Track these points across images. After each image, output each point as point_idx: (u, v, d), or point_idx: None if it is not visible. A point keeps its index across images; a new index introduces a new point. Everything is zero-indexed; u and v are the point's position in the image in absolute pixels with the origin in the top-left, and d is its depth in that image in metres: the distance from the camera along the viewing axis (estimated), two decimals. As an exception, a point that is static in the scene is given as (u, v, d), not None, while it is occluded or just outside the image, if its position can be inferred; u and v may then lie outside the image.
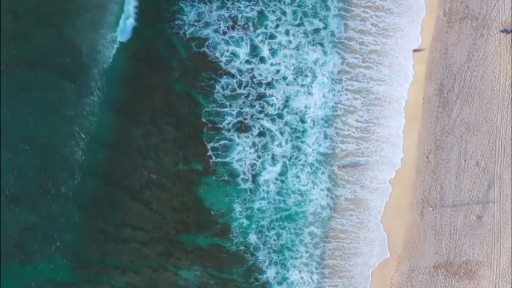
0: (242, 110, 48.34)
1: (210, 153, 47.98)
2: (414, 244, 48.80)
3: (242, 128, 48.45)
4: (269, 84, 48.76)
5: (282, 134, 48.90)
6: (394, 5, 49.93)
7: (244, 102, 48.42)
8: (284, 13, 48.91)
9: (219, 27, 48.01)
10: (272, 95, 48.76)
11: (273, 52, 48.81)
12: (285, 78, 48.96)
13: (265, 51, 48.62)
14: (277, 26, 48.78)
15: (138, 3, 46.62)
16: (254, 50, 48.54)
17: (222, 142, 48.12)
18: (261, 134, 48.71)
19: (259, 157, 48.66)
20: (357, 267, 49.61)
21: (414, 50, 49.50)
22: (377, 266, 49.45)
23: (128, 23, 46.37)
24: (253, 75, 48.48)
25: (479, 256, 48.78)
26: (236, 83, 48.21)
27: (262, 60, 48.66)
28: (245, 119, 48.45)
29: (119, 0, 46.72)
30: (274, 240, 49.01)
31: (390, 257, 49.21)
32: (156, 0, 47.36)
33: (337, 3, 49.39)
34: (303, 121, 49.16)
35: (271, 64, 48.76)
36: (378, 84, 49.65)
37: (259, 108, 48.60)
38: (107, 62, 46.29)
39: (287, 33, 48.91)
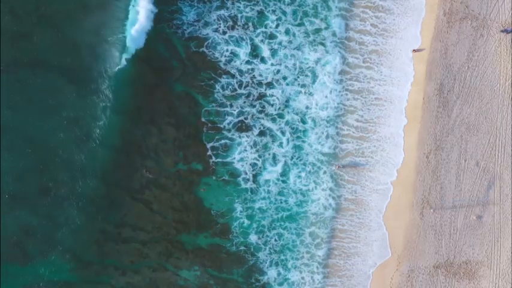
0: (243, 110, 48.27)
1: (210, 153, 47.90)
2: (414, 244, 48.79)
3: (243, 127, 48.37)
4: (269, 84, 48.67)
5: (283, 133, 48.82)
6: (394, 5, 49.91)
7: (244, 102, 48.33)
8: (284, 13, 48.81)
9: (219, 27, 47.92)
10: (273, 95, 48.67)
11: (274, 52, 48.72)
12: (285, 78, 48.88)
13: (265, 51, 48.54)
14: (277, 25, 48.71)
15: (154, 8, 46.51)
16: (254, 50, 48.48)
17: (223, 142, 48.05)
18: (262, 133, 48.63)
19: (260, 157, 48.59)
20: (357, 266, 49.61)
21: (414, 50, 49.47)
22: (377, 266, 49.48)
23: (138, 27, 46.18)
24: (254, 75, 48.40)
25: (479, 256, 48.81)
26: (236, 82, 48.13)
27: (262, 60, 48.58)
28: (246, 118, 48.35)
29: (121, 2, 46.72)
30: (275, 240, 48.91)
31: (390, 257, 49.23)
32: (156, 0, 47.25)
33: (338, 3, 49.37)
34: (303, 121, 49.08)
35: (272, 64, 48.66)
36: (379, 84, 49.63)
37: (260, 108, 48.51)
38: (106, 63, 46.17)
39: (287, 32, 48.83)
